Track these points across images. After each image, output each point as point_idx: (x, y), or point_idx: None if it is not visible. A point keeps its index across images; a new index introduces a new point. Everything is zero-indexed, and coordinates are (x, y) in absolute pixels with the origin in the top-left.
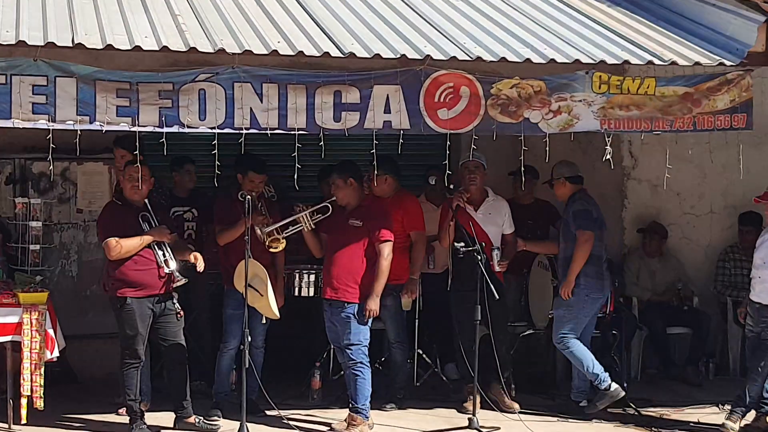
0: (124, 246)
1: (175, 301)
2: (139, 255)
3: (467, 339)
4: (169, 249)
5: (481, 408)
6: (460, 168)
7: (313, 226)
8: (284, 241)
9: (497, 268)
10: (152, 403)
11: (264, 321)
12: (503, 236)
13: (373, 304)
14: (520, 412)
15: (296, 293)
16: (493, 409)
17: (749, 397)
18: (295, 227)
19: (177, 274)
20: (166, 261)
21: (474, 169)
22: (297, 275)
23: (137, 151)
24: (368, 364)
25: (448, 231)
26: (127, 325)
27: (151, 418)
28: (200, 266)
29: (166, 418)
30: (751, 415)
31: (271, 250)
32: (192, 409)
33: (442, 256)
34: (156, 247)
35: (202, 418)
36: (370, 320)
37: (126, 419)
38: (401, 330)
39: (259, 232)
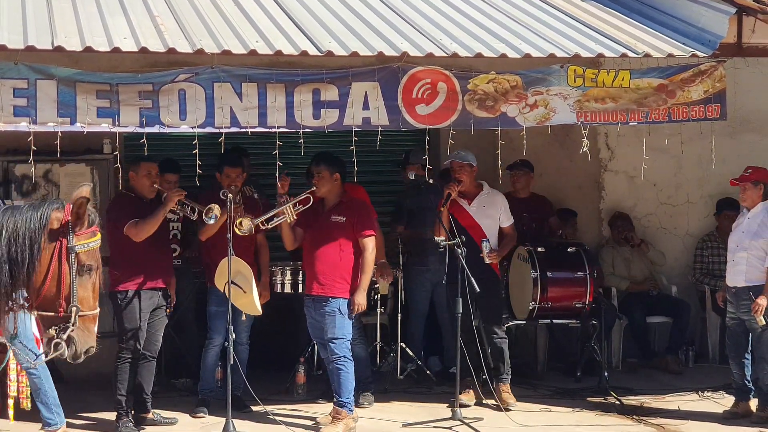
0: (143, 225)
1: (169, 296)
2: (141, 248)
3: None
4: (189, 202)
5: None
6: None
7: (296, 218)
8: (252, 227)
9: (487, 260)
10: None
11: (244, 318)
12: (501, 229)
13: (361, 298)
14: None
15: (278, 289)
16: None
17: (765, 385)
18: (279, 219)
19: (212, 214)
20: (200, 212)
21: (458, 168)
22: (279, 272)
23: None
24: (351, 358)
25: (442, 222)
26: (126, 319)
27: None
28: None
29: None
30: (730, 401)
31: (237, 232)
32: (150, 404)
33: None
34: (180, 206)
35: (158, 412)
36: (354, 315)
37: (110, 416)
38: (359, 326)
39: (246, 225)
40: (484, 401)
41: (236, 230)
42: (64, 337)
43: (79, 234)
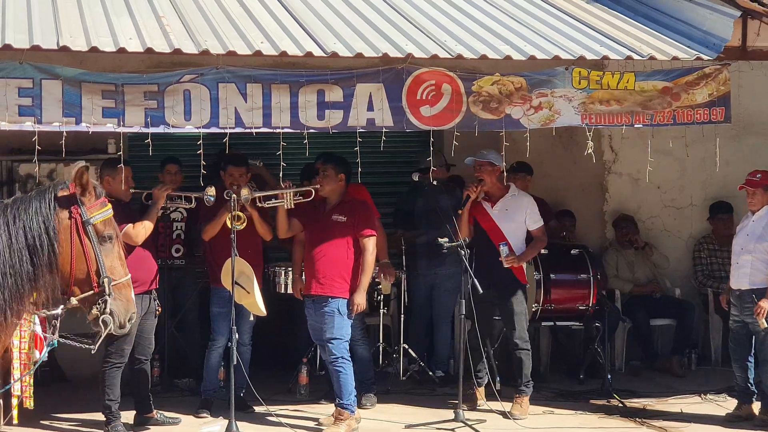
0: (142, 225)
1: (155, 298)
2: (127, 254)
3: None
4: (179, 193)
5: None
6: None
7: (292, 206)
8: (246, 220)
9: (506, 264)
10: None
11: (252, 318)
12: (529, 231)
13: (360, 299)
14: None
15: (282, 290)
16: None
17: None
18: (277, 201)
19: (208, 195)
20: (196, 199)
21: (478, 167)
22: (282, 273)
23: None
24: (349, 359)
25: (458, 225)
26: None
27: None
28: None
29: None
30: (733, 404)
31: (228, 224)
32: (152, 404)
33: None
34: (172, 201)
35: (162, 412)
36: (353, 315)
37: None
38: (362, 327)
39: (243, 194)
40: (479, 407)
41: (228, 224)
42: (108, 311)
43: (90, 207)
